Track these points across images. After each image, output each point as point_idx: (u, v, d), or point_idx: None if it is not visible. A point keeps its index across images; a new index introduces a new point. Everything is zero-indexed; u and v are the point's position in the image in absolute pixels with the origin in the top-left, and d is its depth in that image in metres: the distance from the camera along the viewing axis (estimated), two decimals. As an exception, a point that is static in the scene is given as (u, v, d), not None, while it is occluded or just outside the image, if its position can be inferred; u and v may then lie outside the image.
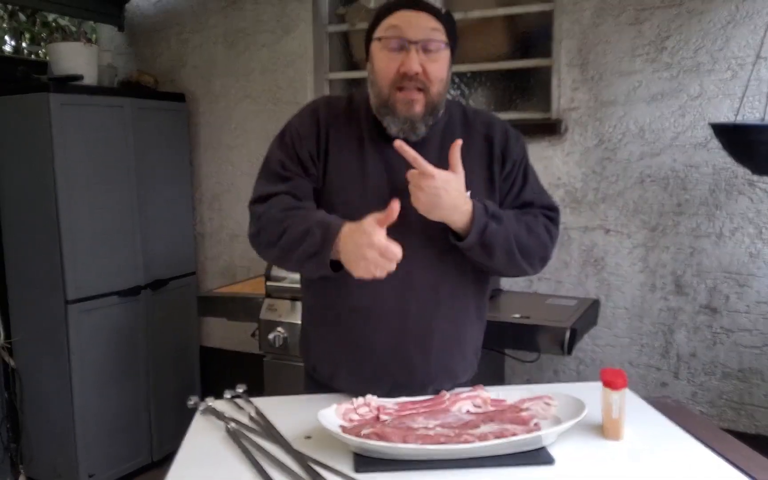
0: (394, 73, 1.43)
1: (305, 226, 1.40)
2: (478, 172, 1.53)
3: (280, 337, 2.65)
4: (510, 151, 1.56)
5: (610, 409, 1.33)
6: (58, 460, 3.13)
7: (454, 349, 1.56)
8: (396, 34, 1.42)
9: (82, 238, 3.05)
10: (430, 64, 1.42)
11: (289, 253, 1.44)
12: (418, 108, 1.43)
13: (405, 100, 1.43)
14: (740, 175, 2.51)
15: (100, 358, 3.17)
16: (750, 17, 2.45)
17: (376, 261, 1.31)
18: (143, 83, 3.43)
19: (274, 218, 1.46)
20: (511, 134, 1.58)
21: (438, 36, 1.44)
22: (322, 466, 1.22)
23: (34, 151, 2.99)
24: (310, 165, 1.51)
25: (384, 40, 1.44)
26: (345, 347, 1.53)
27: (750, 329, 2.55)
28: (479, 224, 1.40)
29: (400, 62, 1.42)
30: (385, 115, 1.46)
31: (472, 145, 1.54)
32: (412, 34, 1.41)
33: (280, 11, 3.38)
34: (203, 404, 1.51)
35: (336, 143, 1.52)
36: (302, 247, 1.40)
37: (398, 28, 1.42)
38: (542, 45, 2.93)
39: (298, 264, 1.45)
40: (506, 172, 1.56)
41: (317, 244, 1.38)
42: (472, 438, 1.23)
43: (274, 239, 1.45)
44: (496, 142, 1.55)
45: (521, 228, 1.49)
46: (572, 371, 2.89)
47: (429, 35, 1.42)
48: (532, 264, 1.53)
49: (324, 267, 1.40)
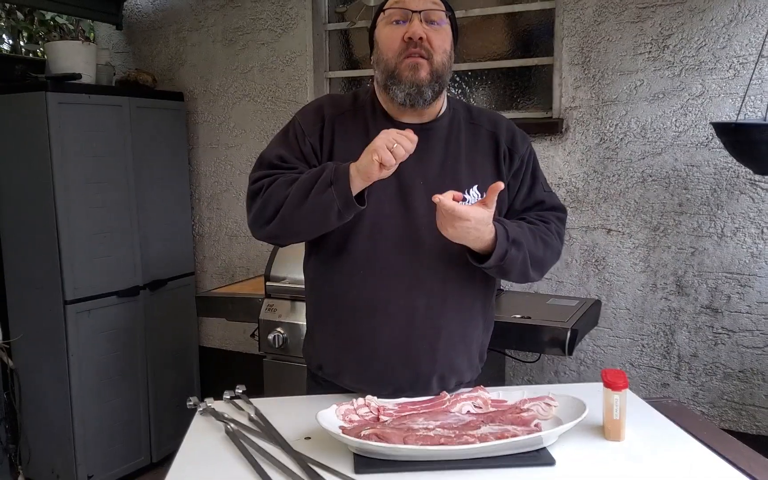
0: (399, 43, 1.45)
1: (313, 174, 1.41)
2: (486, 168, 1.54)
3: (280, 337, 2.64)
4: (517, 148, 1.57)
5: (611, 409, 1.33)
6: (56, 460, 3.12)
7: (460, 348, 1.56)
8: (399, 6, 1.46)
9: (80, 238, 3.04)
10: (432, 33, 1.45)
11: (301, 204, 1.39)
12: (424, 73, 1.44)
13: (410, 64, 1.44)
14: (742, 175, 2.50)
15: (99, 358, 3.15)
16: (752, 16, 2.44)
17: (390, 137, 1.32)
18: (141, 82, 3.42)
19: (276, 187, 1.44)
20: (516, 131, 1.60)
21: (439, 9, 1.48)
22: (321, 467, 1.21)
23: (31, 150, 2.97)
24: (312, 159, 1.51)
25: (388, 14, 1.47)
26: (351, 345, 1.52)
27: (751, 330, 2.54)
28: (500, 251, 1.41)
29: (405, 31, 1.44)
30: (392, 85, 1.47)
31: (479, 142, 1.55)
32: (414, 5, 1.45)
33: (279, 9, 3.37)
34: (202, 405, 1.50)
35: (341, 138, 1.52)
36: (316, 189, 1.37)
37: (401, 1, 1.46)
38: (543, 43, 2.92)
39: (311, 212, 1.39)
40: (515, 169, 1.56)
41: (331, 177, 1.37)
42: (473, 439, 1.23)
43: (281, 200, 1.42)
44: (502, 139, 1.56)
45: (538, 246, 1.51)
46: (573, 372, 2.88)
47: (430, 6, 1.46)
48: (542, 274, 1.58)
49: (345, 197, 1.35)
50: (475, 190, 1.50)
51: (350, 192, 1.36)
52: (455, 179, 1.50)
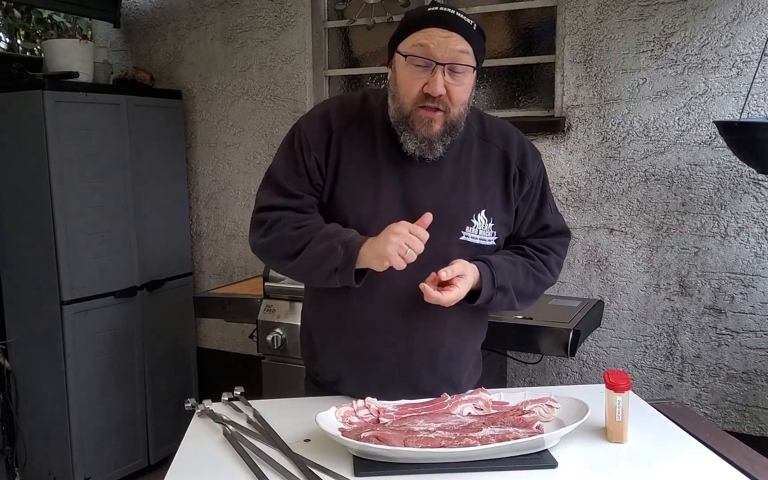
0: (417, 92, 1.40)
1: (326, 244, 1.41)
2: (494, 190, 1.53)
3: (279, 338, 2.62)
4: (528, 169, 1.55)
5: (613, 411, 1.33)
6: (53, 463, 3.11)
7: (461, 361, 1.58)
8: (423, 54, 1.38)
9: (77, 238, 3.03)
10: (454, 86, 1.39)
11: (311, 271, 1.46)
12: (437, 127, 1.41)
13: (425, 120, 1.41)
14: (745, 174, 2.49)
15: (96, 359, 3.14)
16: (755, 14, 2.43)
17: (402, 242, 1.34)
18: (139, 80, 3.40)
19: (287, 236, 1.46)
20: (528, 152, 1.57)
21: (466, 59, 1.40)
22: (321, 469, 1.21)
23: (28, 149, 2.96)
24: (316, 176, 1.49)
25: (410, 58, 1.40)
26: (351, 358, 1.53)
27: (755, 330, 2.52)
28: (485, 296, 1.46)
29: (425, 82, 1.39)
30: (404, 131, 1.44)
31: (490, 162, 1.54)
32: (440, 55, 1.37)
33: (278, 7, 3.35)
34: (200, 407, 1.50)
35: (348, 152, 1.49)
36: (325, 265, 1.41)
37: (426, 47, 1.38)
38: (545, 41, 2.91)
39: (319, 280, 1.46)
40: (524, 193, 1.55)
41: (340, 259, 1.39)
42: (474, 441, 1.23)
43: (291, 255, 1.46)
44: (513, 159, 1.54)
45: (529, 284, 1.54)
46: (575, 373, 2.86)
47: (457, 58, 1.38)
48: (530, 305, 1.62)
49: (349, 279, 1.41)
50: (482, 215, 1.50)
51: (353, 281, 1.41)
52: (464, 204, 1.49)
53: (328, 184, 1.49)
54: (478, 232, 1.49)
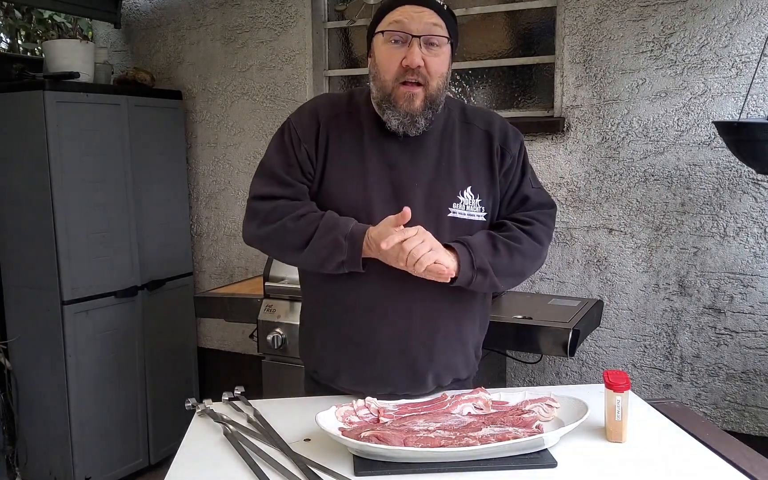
0: (396, 67, 1.46)
1: (330, 238, 1.44)
2: (478, 166, 1.56)
3: (279, 338, 2.63)
4: (509, 146, 1.59)
5: (613, 411, 1.33)
6: (54, 462, 3.11)
7: (457, 347, 1.58)
8: (399, 29, 1.45)
9: (77, 238, 3.03)
10: (431, 58, 1.46)
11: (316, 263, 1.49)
12: (418, 102, 1.46)
13: (406, 94, 1.45)
14: (744, 174, 2.49)
15: (97, 359, 3.14)
16: (754, 14, 2.43)
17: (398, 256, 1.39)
18: (139, 81, 3.40)
19: (289, 229, 1.48)
20: (509, 130, 1.61)
21: (439, 31, 1.47)
22: (321, 469, 1.21)
23: (29, 149, 2.96)
24: (307, 166, 1.53)
25: (387, 34, 1.47)
26: (348, 346, 1.54)
27: (754, 330, 2.52)
28: (464, 279, 1.45)
29: (403, 55, 1.44)
30: (387, 109, 1.48)
31: (473, 141, 1.58)
32: (415, 28, 1.44)
33: (279, 7, 3.36)
34: (201, 406, 1.51)
35: (336, 142, 1.53)
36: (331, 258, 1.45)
37: (401, 22, 1.45)
38: (545, 41, 2.91)
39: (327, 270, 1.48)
40: (506, 168, 1.58)
41: (345, 253, 1.43)
42: (474, 440, 1.23)
43: (296, 248, 1.48)
44: (495, 137, 1.58)
45: (514, 262, 1.52)
46: (575, 373, 2.87)
47: (431, 29, 1.46)
48: (520, 282, 1.63)
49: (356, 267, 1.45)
50: (468, 191, 1.53)
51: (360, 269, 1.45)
52: (450, 181, 1.52)
53: (317, 173, 1.53)
54: (465, 207, 1.52)
